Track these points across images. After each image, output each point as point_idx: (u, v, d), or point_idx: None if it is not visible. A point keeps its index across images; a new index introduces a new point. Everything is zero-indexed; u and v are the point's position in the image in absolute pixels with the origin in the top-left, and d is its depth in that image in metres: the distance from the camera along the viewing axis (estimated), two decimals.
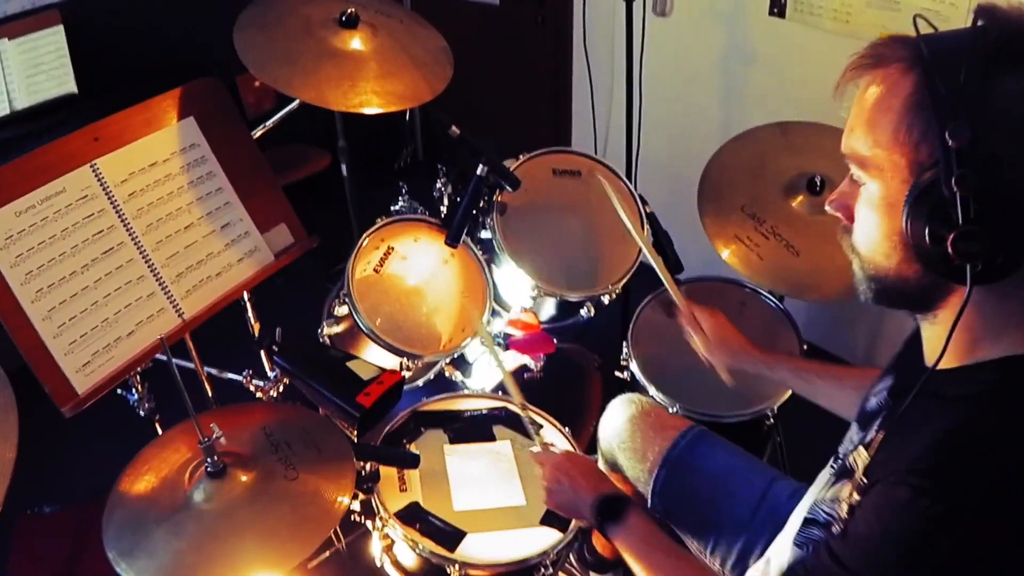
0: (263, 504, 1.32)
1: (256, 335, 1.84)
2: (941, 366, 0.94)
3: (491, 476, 1.63)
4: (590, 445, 1.88)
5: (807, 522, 1.13)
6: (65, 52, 2.77)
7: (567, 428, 1.77)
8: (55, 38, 2.77)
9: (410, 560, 1.54)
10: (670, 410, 1.90)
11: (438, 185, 2.04)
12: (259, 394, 1.78)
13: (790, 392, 1.90)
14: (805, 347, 2.07)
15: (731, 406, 1.91)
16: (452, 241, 1.77)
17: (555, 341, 2.02)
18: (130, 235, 1.62)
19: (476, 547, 1.49)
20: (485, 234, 1.97)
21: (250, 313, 1.98)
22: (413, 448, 1.66)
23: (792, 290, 2.01)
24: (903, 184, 0.90)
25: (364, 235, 1.77)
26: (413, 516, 1.54)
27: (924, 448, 0.89)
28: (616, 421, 1.75)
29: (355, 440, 1.49)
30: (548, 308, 2.11)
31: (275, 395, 1.80)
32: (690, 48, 2.93)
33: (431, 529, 1.51)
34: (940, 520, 0.84)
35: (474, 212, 1.81)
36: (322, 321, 1.88)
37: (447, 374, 2.07)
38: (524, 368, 2.09)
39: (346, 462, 1.40)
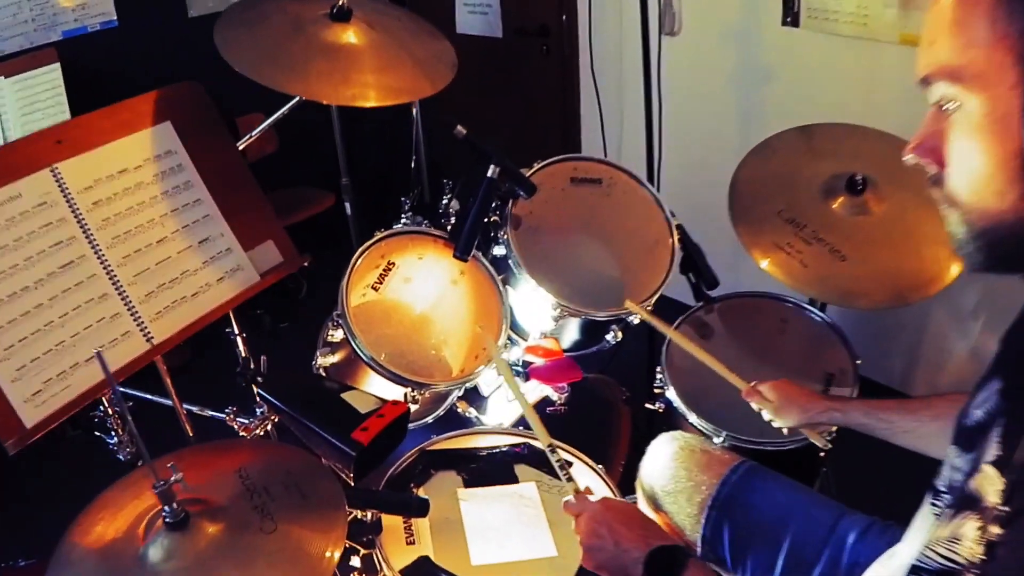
0: (233, 562, 1.02)
1: (240, 366, 1.53)
2: None
3: (514, 523, 1.34)
4: (621, 484, 1.54)
5: (916, 571, 0.84)
6: (61, 90, 2.60)
7: (600, 466, 1.43)
8: (51, 76, 2.59)
9: None
10: (715, 440, 1.61)
11: (444, 201, 1.75)
12: (243, 433, 1.46)
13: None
14: (859, 361, 1.73)
15: (780, 432, 1.57)
16: (462, 254, 1.48)
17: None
18: (93, 248, 1.36)
19: None
20: (498, 250, 1.68)
21: (240, 343, 1.67)
22: (421, 493, 1.35)
23: (842, 298, 1.73)
24: (1013, 89, 0.68)
25: (360, 250, 1.47)
26: (423, 573, 1.25)
27: None
28: (659, 461, 1.48)
29: (351, 484, 1.16)
30: (570, 334, 1.81)
31: (262, 434, 1.47)
32: (701, 65, 2.69)
33: None
34: None
35: (485, 221, 1.51)
36: (320, 345, 1.56)
37: (459, 410, 1.76)
38: (546, 401, 1.78)
39: (336, 510, 1.11)
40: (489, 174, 1.50)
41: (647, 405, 1.96)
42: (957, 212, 0.76)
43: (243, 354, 1.69)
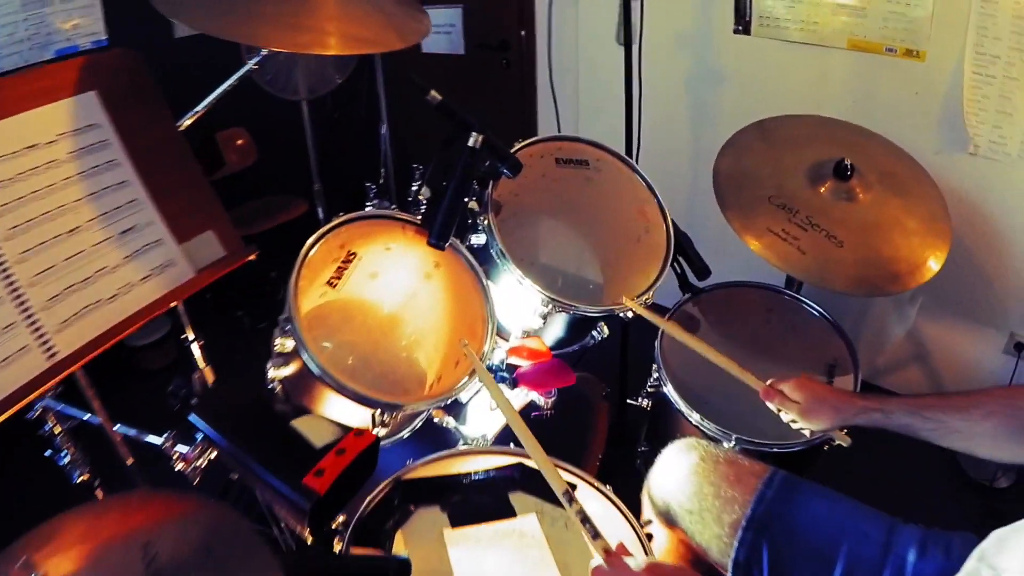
0: None
1: (172, 384, 0.99)
2: None
3: (517, 570, 0.83)
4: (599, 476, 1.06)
5: None
6: None
7: (608, 487, 0.96)
8: None
9: None
10: (725, 445, 1.12)
11: (413, 187, 1.24)
12: (180, 466, 0.94)
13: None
14: (857, 356, 1.30)
15: (792, 433, 1.12)
16: (438, 240, 0.99)
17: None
18: None
19: None
20: (476, 240, 1.17)
21: (196, 350, 1.15)
22: (400, 541, 0.84)
23: (845, 285, 1.30)
24: None
25: (313, 238, 0.97)
26: None
27: None
28: (676, 474, 1.05)
29: (307, 543, 0.66)
30: (552, 331, 1.32)
31: (204, 465, 0.95)
32: (656, 73, 2.21)
33: None
34: None
35: (465, 202, 1.00)
36: (272, 357, 1.04)
37: (435, 420, 1.25)
38: (532, 406, 1.28)
39: None
40: (470, 143, 1.01)
41: (630, 401, 1.51)
42: None
43: (199, 363, 1.17)
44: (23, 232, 0.86)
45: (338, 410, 0.93)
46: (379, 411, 0.93)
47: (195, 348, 1.24)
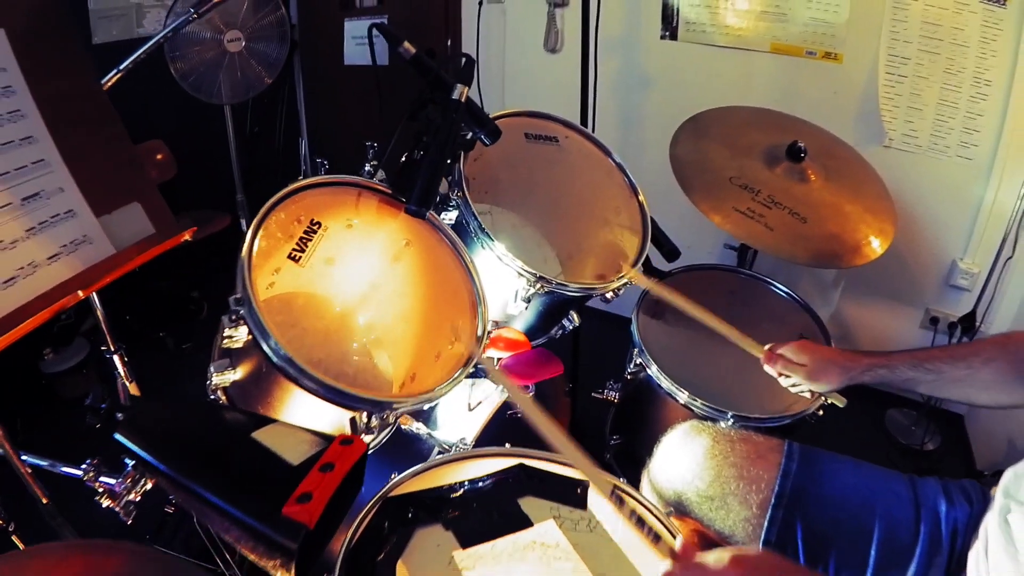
0: None
1: (89, 396, 0.74)
2: None
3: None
4: None
5: None
6: None
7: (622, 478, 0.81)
8: None
9: None
10: (721, 424, 1.00)
11: (367, 168, 1.06)
12: (107, 503, 0.69)
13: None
14: (825, 326, 1.24)
15: (776, 403, 1.04)
16: (419, 207, 0.81)
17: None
18: None
19: None
20: (446, 217, 1.00)
21: (117, 362, 0.91)
22: (403, 572, 0.65)
23: (810, 258, 1.22)
24: None
25: (266, 207, 0.76)
26: None
27: None
28: (687, 460, 0.91)
29: None
30: (522, 321, 1.16)
31: (136, 500, 0.71)
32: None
33: None
34: None
35: (448, 163, 0.83)
36: (214, 359, 0.81)
37: (402, 426, 1.05)
38: (507, 404, 1.12)
39: None
40: (455, 96, 0.84)
41: (595, 395, 1.38)
42: None
43: (122, 375, 0.91)
44: None
45: (300, 417, 0.73)
46: (359, 412, 0.73)
47: (117, 360, 0.99)
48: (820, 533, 0.80)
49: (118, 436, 0.60)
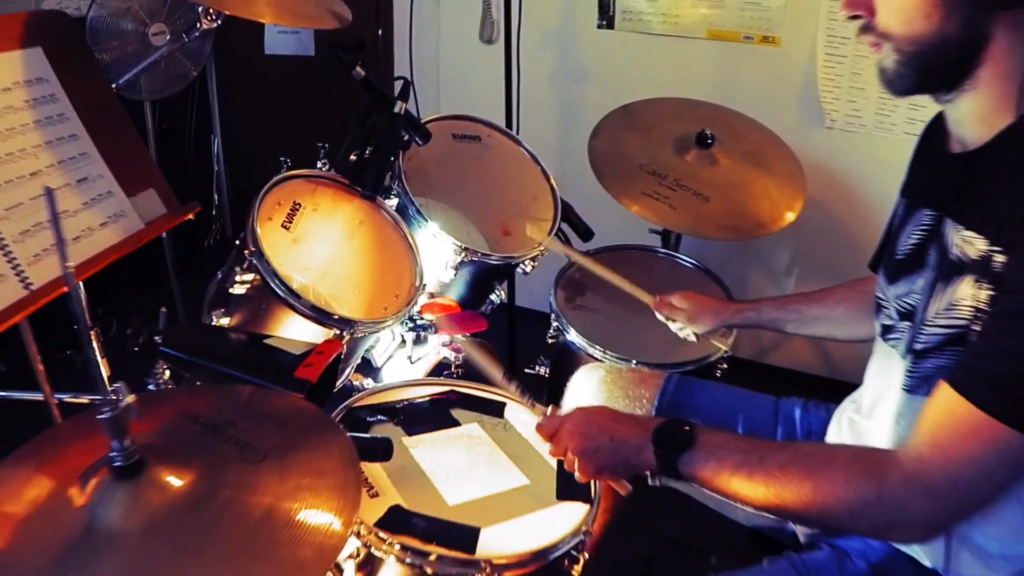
0: (238, 494, 0.80)
1: (121, 328, 1.33)
2: (985, 139, 0.93)
3: (475, 462, 1.30)
4: None
5: (919, 356, 0.97)
6: None
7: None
8: None
9: None
10: (632, 365, 1.64)
11: (319, 164, 1.68)
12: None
13: (732, 338, 1.76)
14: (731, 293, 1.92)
15: (676, 354, 1.72)
16: (371, 191, 1.43)
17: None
18: None
19: (498, 541, 1.13)
20: (389, 204, 1.63)
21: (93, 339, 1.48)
22: None
23: (716, 233, 1.91)
24: None
25: (260, 195, 1.38)
26: (400, 523, 1.14)
27: None
28: (586, 390, 1.51)
29: None
30: (453, 294, 1.79)
31: None
32: (522, 70, 2.81)
33: (434, 533, 1.12)
34: None
35: (392, 160, 1.47)
36: (207, 311, 1.42)
37: (354, 383, 1.66)
38: (443, 363, 1.73)
39: (328, 422, 0.98)
40: (396, 110, 1.48)
41: (527, 371, 2.00)
42: (890, 44, 0.93)
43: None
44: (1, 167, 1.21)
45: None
46: (336, 329, 1.34)
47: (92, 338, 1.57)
48: None
49: (164, 348, 1.19)
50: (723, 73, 2.68)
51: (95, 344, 1.31)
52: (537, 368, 1.98)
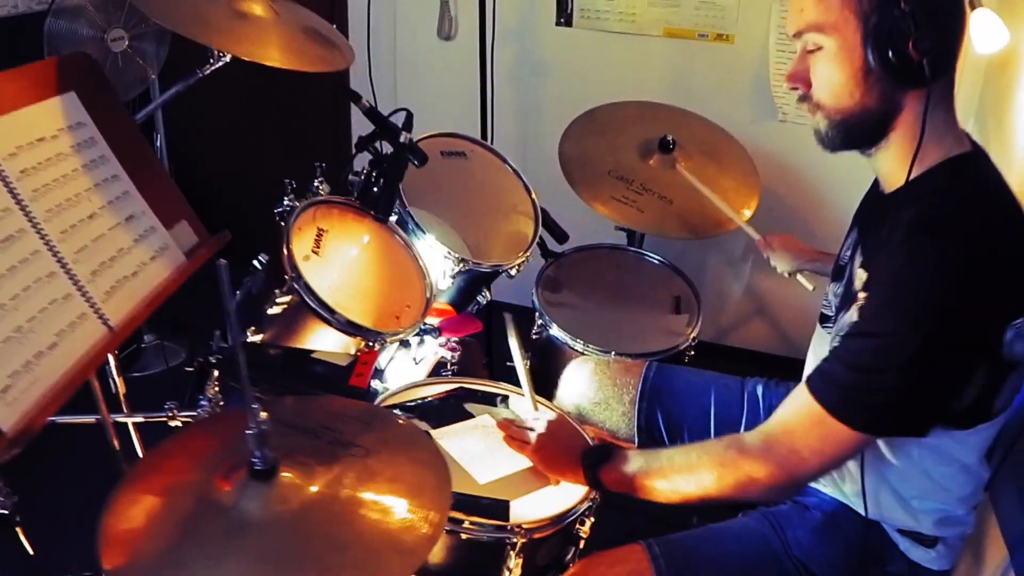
0: (358, 487, 1.13)
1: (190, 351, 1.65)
2: (894, 186, 1.31)
3: (493, 447, 1.64)
4: None
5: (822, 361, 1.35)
6: None
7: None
8: None
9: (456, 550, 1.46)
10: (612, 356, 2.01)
11: (315, 183, 2.00)
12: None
13: (698, 330, 2.20)
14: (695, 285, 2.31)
15: (650, 343, 2.11)
16: (383, 214, 1.76)
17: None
18: (30, 221, 1.39)
19: (525, 510, 1.48)
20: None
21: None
22: None
23: (677, 232, 2.33)
24: (856, 31, 1.23)
25: (291, 222, 1.69)
26: None
27: (908, 226, 1.21)
28: (578, 381, 1.91)
29: None
30: (445, 298, 2.13)
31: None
32: (476, 66, 3.15)
33: (473, 508, 1.46)
34: (936, 264, 1.15)
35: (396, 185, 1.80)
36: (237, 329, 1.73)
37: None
38: (441, 363, 2.08)
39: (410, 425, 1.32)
40: (402, 140, 1.81)
41: (508, 364, 2.35)
42: (822, 113, 1.32)
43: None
44: (57, 216, 1.42)
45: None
46: (368, 341, 1.68)
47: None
48: (674, 415, 1.79)
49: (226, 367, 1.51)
50: (679, 70, 3.06)
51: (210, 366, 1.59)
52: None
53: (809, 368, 1.53)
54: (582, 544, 1.53)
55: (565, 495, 1.52)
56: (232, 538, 1.04)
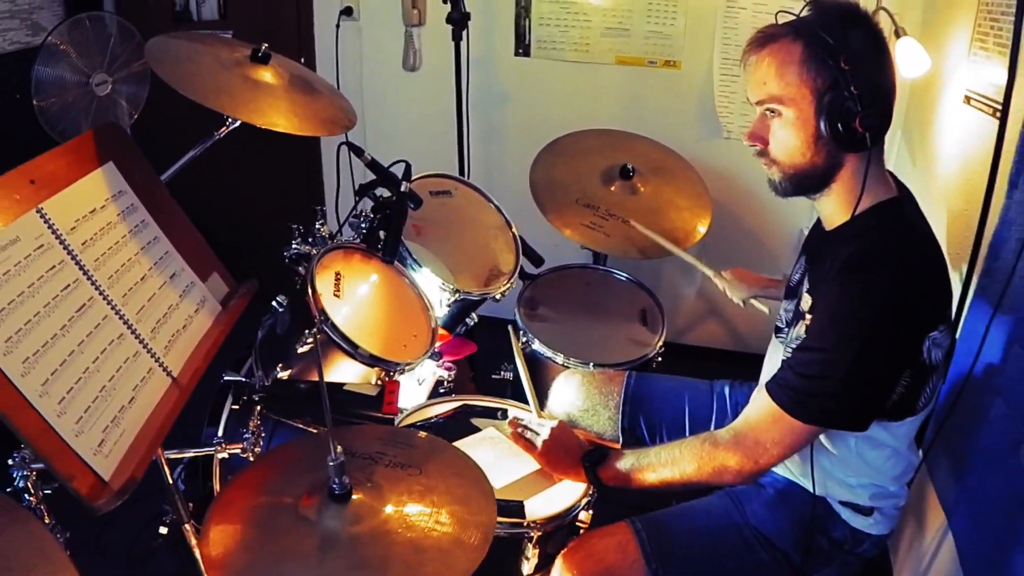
0: (421, 500, 1.42)
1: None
2: (834, 225, 1.63)
3: (501, 456, 1.92)
4: None
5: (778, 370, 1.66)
6: None
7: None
8: None
9: None
10: (590, 368, 2.31)
11: (317, 225, 2.27)
12: (249, 456, 1.85)
13: (664, 338, 2.53)
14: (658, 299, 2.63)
15: (623, 354, 2.43)
16: (390, 256, 2.02)
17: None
18: (96, 289, 1.59)
19: (538, 508, 1.78)
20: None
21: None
22: None
23: (639, 254, 2.66)
24: (811, 105, 1.51)
25: (312, 270, 1.94)
26: None
27: (842, 262, 1.52)
28: (567, 392, 2.20)
29: None
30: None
31: (259, 451, 1.87)
32: (444, 97, 3.43)
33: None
34: (863, 293, 1.47)
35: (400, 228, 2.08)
36: (266, 366, 1.99)
37: None
38: (439, 381, 2.36)
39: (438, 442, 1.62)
40: (403, 189, 2.08)
41: (495, 376, 2.65)
42: (776, 167, 1.62)
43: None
44: (117, 281, 1.62)
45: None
46: (389, 371, 1.95)
47: None
48: (653, 417, 2.09)
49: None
50: (630, 94, 3.38)
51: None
52: (502, 373, 2.62)
53: (766, 372, 1.85)
54: (582, 532, 1.83)
55: (568, 492, 1.82)
56: (325, 551, 1.32)
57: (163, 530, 1.93)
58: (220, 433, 1.98)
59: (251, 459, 1.87)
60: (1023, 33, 1.75)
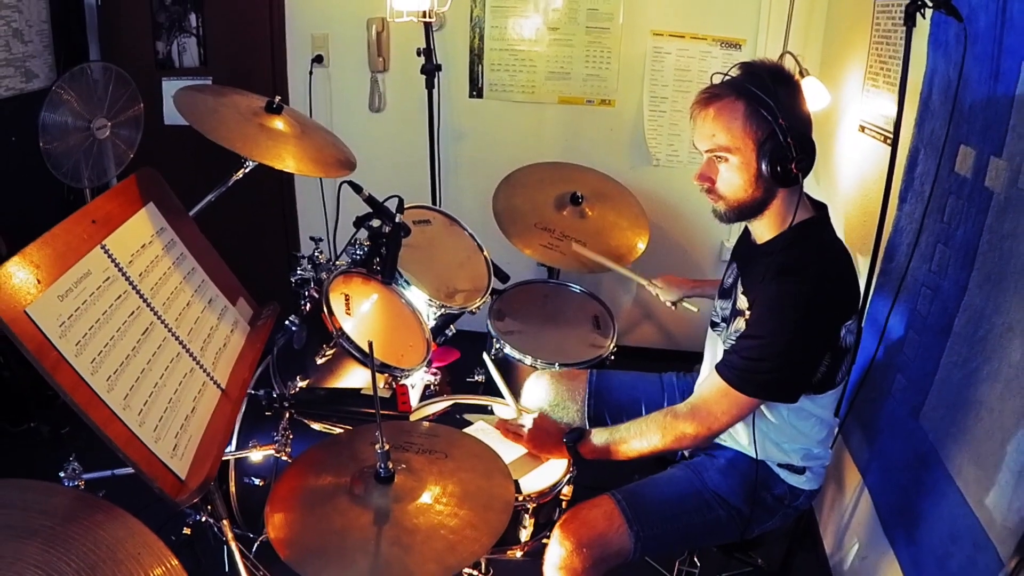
0: (452, 479, 1.64)
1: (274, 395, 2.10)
2: (764, 240, 1.90)
3: (493, 443, 2.09)
4: None
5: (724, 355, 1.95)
6: None
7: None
8: None
9: None
10: (556, 367, 2.57)
11: (315, 252, 2.47)
12: (284, 457, 2.03)
13: (616, 341, 2.79)
14: (608, 307, 2.90)
15: (582, 355, 2.70)
16: (389, 279, 2.25)
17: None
18: (155, 314, 1.75)
19: (530, 484, 2.02)
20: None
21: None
22: None
23: (589, 271, 2.88)
24: (752, 151, 1.75)
25: (327, 291, 2.15)
26: None
27: (776, 268, 1.80)
28: (538, 390, 2.44)
29: None
30: None
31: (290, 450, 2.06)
32: (402, 134, 3.71)
33: None
34: (794, 292, 1.75)
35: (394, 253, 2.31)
36: (287, 377, 2.19)
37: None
38: (427, 386, 2.58)
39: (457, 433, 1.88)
40: (397, 220, 2.31)
41: (469, 380, 2.89)
42: (723, 202, 1.86)
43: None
44: (169, 306, 1.80)
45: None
46: (396, 376, 2.17)
47: None
48: (615, 407, 2.35)
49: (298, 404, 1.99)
50: (571, 129, 3.68)
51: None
52: (476, 376, 2.87)
53: (707, 360, 2.13)
54: (564, 504, 2.09)
55: (552, 471, 2.07)
56: (380, 524, 1.53)
57: (187, 531, 2.04)
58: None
59: (286, 459, 2.06)
60: (909, 72, 2.01)
